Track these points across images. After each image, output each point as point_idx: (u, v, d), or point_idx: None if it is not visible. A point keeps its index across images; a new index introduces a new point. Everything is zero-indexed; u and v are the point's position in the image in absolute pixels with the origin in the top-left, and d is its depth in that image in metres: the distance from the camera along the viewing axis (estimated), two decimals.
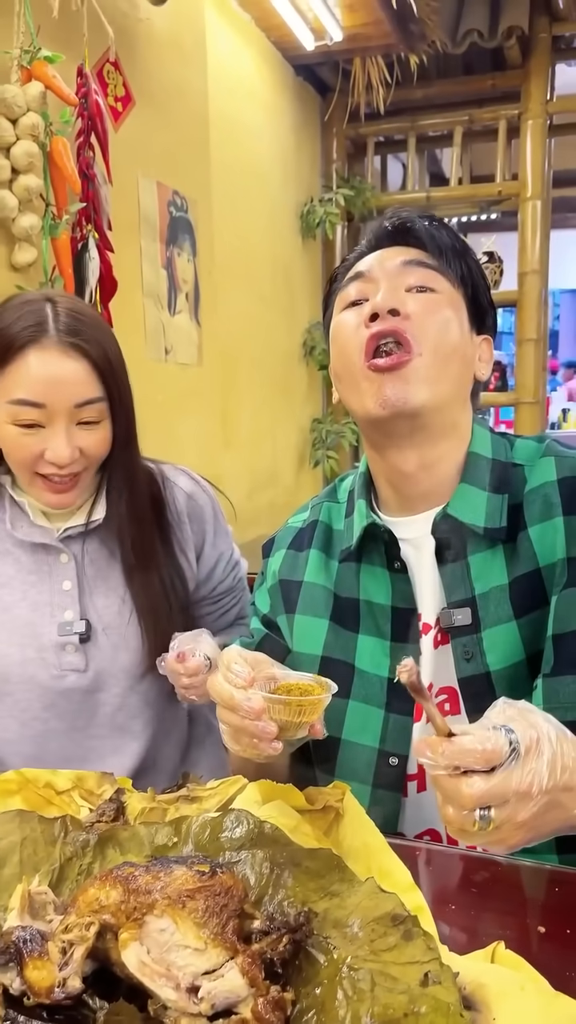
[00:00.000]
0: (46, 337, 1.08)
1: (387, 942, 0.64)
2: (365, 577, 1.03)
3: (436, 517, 0.97)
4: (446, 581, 0.96)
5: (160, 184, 2.56)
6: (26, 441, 1.10)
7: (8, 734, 1.20)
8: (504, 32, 4.15)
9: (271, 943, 0.63)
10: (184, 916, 0.63)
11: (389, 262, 0.97)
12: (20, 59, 1.79)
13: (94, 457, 1.15)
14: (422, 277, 0.95)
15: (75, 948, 0.64)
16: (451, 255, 0.98)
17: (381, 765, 0.98)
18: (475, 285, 1.00)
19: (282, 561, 1.12)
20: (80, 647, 1.18)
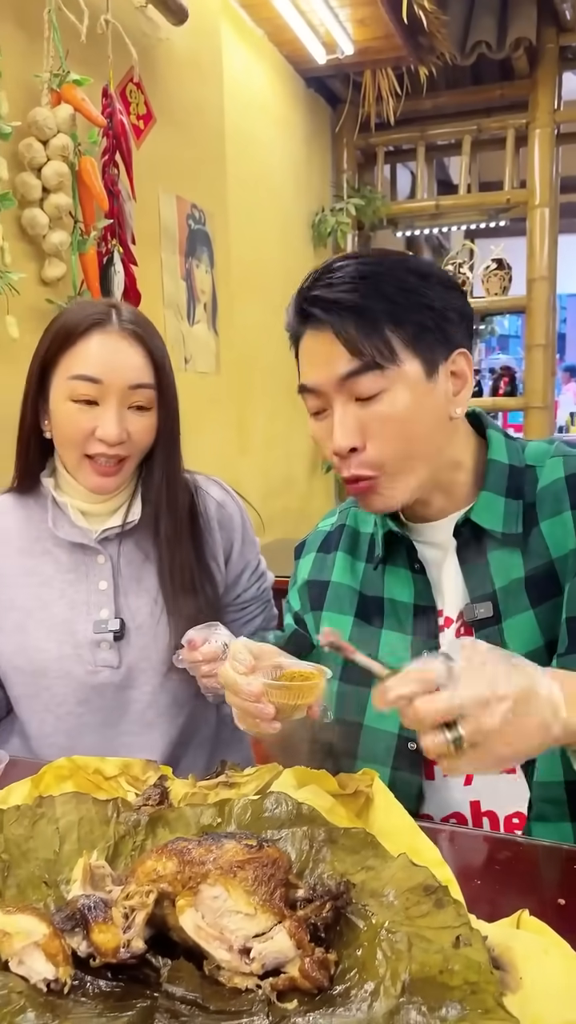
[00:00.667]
0: (110, 324, 1.19)
1: (420, 909, 0.70)
2: (389, 577, 1.10)
3: (458, 522, 1.03)
4: (468, 578, 1.04)
5: (179, 198, 2.63)
6: (80, 418, 1.17)
7: (45, 727, 1.26)
8: (512, 43, 4.22)
9: (315, 909, 0.69)
10: (235, 884, 0.69)
11: (328, 377, 0.96)
12: (50, 83, 1.86)
13: (139, 444, 1.22)
14: (365, 386, 0.95)
15: (136, 913, 0.70)
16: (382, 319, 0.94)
17: (400, 749, 1.05)
18: (424, 313, 0.96)
19: (312, 564, 1.21)
20: (114, 644, 1.24)
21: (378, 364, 0.94)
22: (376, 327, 0.94)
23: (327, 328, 0.95)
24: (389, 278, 0.96)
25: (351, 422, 0.97)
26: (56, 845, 0.81)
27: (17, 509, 1.30)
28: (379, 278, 0.95)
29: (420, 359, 0.96)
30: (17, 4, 1.87)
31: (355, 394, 0.96)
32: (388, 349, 0.94)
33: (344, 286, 0.95)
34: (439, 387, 0.98)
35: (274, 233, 4.03)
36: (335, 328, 0.94)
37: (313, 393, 1.01)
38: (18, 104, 1.81)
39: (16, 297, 1.73)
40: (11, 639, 1.26)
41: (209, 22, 2.83)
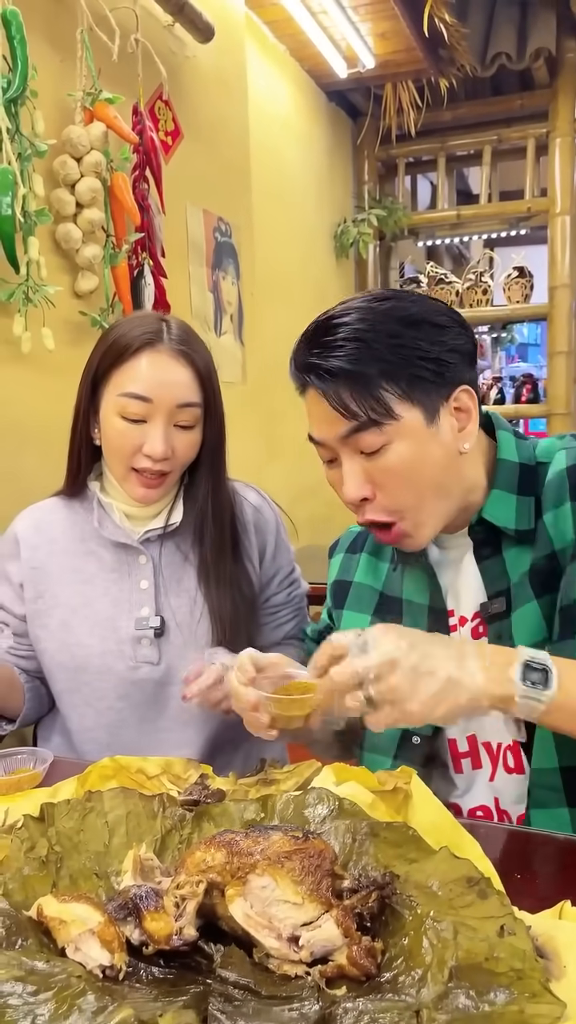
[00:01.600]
0: (160, 343, 1.23)
1: (464, 900, 0.72)
2: (407, 579, 1.15)
3: (472, 521, 1.06)
4: (486, 576, 1.07)
5: (206, 211, 2.68)
6: (129, 434, 1.22)
7: (86, 721, 1.30)
8: (532, 54, 4.24)
9: (361, 899, 0.71)
10: (283, 875, 0.71)
11: (330, 435, 0.99)
12: (83, 101, 1.91)
13: (182, 459, 1.27)
14: (366, 443, 0.97)
15: (187, 902, 0.72)
16: (375, 380, 0.95)
17: (404, 742, 1.10)
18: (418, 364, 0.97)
19: (340, 563, 1.27)
20: (154, 641, 1.27)
21: (375, 422, 0.96)
22: (369, 389, 0.95)
23: (322, 393, 0.98)
24: (381, 335, 0.96)
25: (359, 474, 0.99)
26: (106, 838, 0.83)
27: (64, 511, 1.35)
28: (369, 339, 0.96)
29: (419, 408, 0.97)
30: (50, 25, 1.93)
31: (359, 448, 0.98)
32: (383, 407, 0.95)
33: (337, 351, 0.96)
34: (443, 429, 0.99)
35: (298, 244, 4.07)
36: (328, 395, 0.97)
37: (319, 444, 1.04)
38: (52, 122, 1.85)
39: (51, 310, 1.77)
40: (56, 636, 1.29)
41: (234, 39, 2.88)
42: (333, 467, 1.04)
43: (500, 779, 1.06)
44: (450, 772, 1.09)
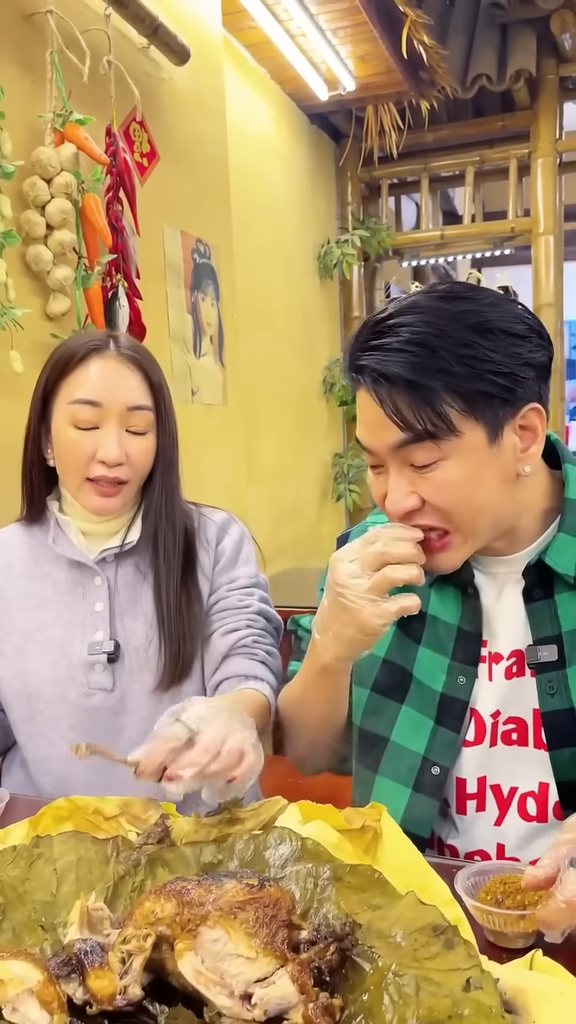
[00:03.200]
0: (107, 350, 1.22)
1: (429, 951, 0.67)
2: (436, 594, 1.05)
3: (530, 562, 0.97)
4: (533, 618, 0.98)
5: (184, 233, 2.66)
6: (82, 442, 1.19)
7: (40, 752, 1.25)
8: (512, 75, 4.28)
9: (319, 952, 0.66)
10: (236, 927, 0.67)
11: (380, 442, 0.91)
12: (53, 122, 1.89)
13: (139, 466, 1.23)
14: (419, 456, 0.89)
15: (134, 958, 0.67)
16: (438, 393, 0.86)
17: (424, 771, 1.02)
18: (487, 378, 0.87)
19: None
20: (108, 667, 1.23)
21: (431, 435, 0.87)
22: (430, 400, 0.86)
23: (374, 397, 0.89)
24: (447, 343, 0.86)
25: (406, 487, 0.91)
26: (53, 887, 0.79)
27: (23, 536, 1.32)
28: (435, 345, 0.86)
29: (482, 425, 0.88)
30: (20, 46, 1.91)
31: (409, 461, 0.90)
32: (443, 422, 0.86)
33: (395, 355, 0.87)
34: (505, 448, 0.90)
35: (280, 265, 4.07)
36: (383, 401, 0.87)
37: (366, 449, 0.95)
38: (22, 143, 1.84)
39: (21, 332, 1.74)
40: (11, 663, 1.26)
41: (211, 62, 2.88)
42: (378, 474, 0.96)
43: (510, 825, 1.00)
44: (451, 812, 1.03)
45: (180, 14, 2.60)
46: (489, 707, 1.01)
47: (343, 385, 4.64)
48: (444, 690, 1.02)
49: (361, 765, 1.10)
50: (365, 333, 0.92)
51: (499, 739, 1.01)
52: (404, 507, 0.91)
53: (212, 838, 0.87)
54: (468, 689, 1.01)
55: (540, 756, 0.98)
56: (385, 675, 1.07)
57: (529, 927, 0.74)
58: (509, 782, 1.00)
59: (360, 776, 1.10)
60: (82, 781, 1.21)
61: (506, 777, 1.00)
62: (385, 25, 3.49)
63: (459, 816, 1.02)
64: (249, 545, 1.38)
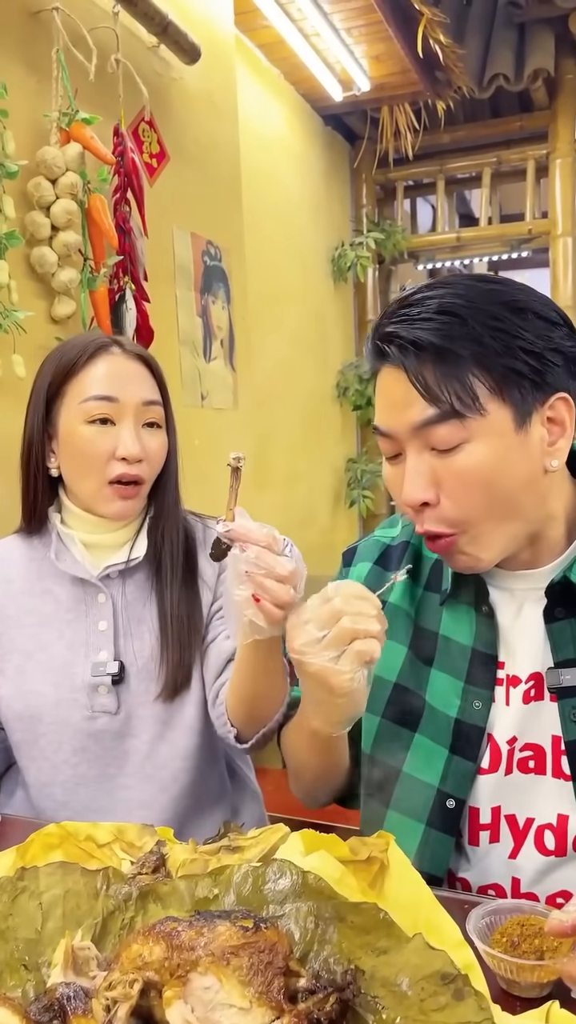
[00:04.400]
0: (114, 347, 1.21)
1: (437, 1002, 0.63)
2: (448, 613, 1.01)
3: (554, 579, 0.93)
4: (555, 639, 0.93)
5: (194, 235, 2.62)
6: (99, 439, 1.16)
7: (42, 776, 1.21)
8: (530, 75, 4.22)
9: (318, 1003, 0.62)
10: (229, 974, 0.62)
11: (403, 423, 0.87)
12: (59, 122, 1.86)
13: (155, 462, 1.22)
14: (442, 437, 0.85)
15: (119, 1006, 0.63)
16: (466, 363, 0.84)
17: (438, 805, 0.96)
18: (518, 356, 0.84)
19: (367, 575, 1.09)
20: (112, 689, 1.19)
21: (458, 413, 0.83)
22: (458, 372, 0.83)
23: (402, 369, 0.85)
24: (477, 315, 0.84)
25: (425, 474, 0.87)
26: (38, 923, 0.74)
27: (23, 549, 1.27)
28: (465, 314, 0.84)
29: (510, 407, 0.84)
30: (25, 43, 1.88)
31: (431, 444, 0.86)
32: (471, 397, 0.83)
33: (424, 323, 0.84)
34: (532, 438, 0.86)
35: (293, 268, 4.03)
36: (410, 371, 0.84)
37: (386, 437, 0.90)
38: (26, 143, 1.80)
39: (24, 336, 1.71)
40: (11, 682, 1.22)
41: (223, 61, 2.84)
42: (395, 464, 0.91)
43: (526, 858, 0.94)
44: (464, 843, 0.97)
45: (191, 13, 2.56)
46: (505, 733, 0.95)
47: (357, 389, 4.59)
48: (459, 716, 0.96)
49: (371, 798, 1.03)
50: (393, 307, 0.89)
51: (515, 767, 0.95)
52: (420, 498, 0.87)
53: (209, 869, 0.82)
54: (484, 715, 0.95)
55: (559, 786, 0.92)
56: (397, 701, 1.02)
57: (546, 977, 0.69)
58: (525, 813, 0.94)
59: (369, 810, 1.03)
60: (84, 805, 1.17)
61: (522, 807, 0.94)
62: (400, 24, 3.44)
63: (471, 848, 0.97)
64: None
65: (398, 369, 0.86)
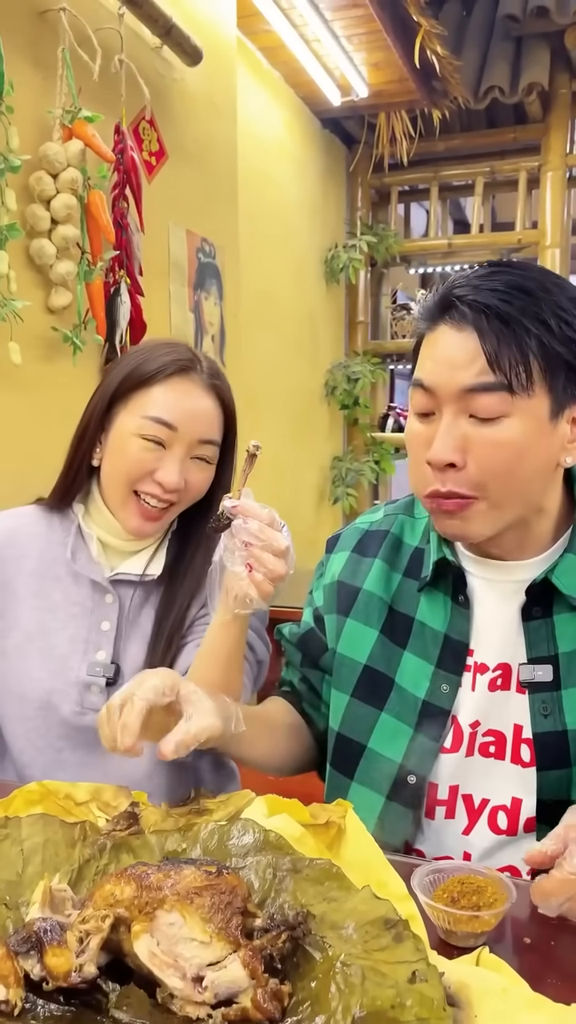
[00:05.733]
0: (195, 372, 1.19)
1: (379, 943, 0.69)
2: (425, 599, 1.05)
3: (535, 580, 0.97)
4: (530, 637, 0.98)
5: (189, 232, 2.68)
6: (145, 456, 1.16)
7: (24, 756, 1.23)
8: (525, 88, 4.29)
9: (271, 939, 0.68)
10: (192, 911, 0.68)
11: (452, 383, 0.89)
12: (62, 119, 1.92)
13: (192, 494, 1.21)
14: (487, 405, 0.88)
15: (91, 938, 0.69)
16: (531, 341, 0.87)
17: (399, 780, 1.01)
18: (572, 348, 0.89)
19: (344, 563, 1.14)
20: (104, 690, 1.19)
21: (509, 386, 0.86)
22: (522, 347, 0.86)
23: (470, 330, 0.88)
24: (550, 302, 0.88)
25: (457, 437, 0.89)
26: (19, 867, 0.81)
27: (41, 525, 1.27)
28: (541, 298, 0.88)
29: (551, 396, 0.88)
30: (32, 42, 1.94)
31: (472, 410, 0.89)
32: (527, 374, 0.87)
33: (501, 293, 0.87)
34: (558, 431, 0.91)
35: (286, 268, 4.08)
36: (481, 333, 0.87)
37: (426, 392, 0.92)
38: (30, 138, 1.86)
39: (21, 324, 1.76)
40: (11, 659, 1.22)
41: (225, 63, 2.90)
42: (424, 422, 0.93)
43: (478, 835, 1.00)
44: (420, 816, 1.02)
45: (194, 15, 2.62)
46: (469, 716, 1.00)
47: (345, 389, 4.66)
48: (426, 697, 1.02)
49: (336, 771, 1.08)
50: (463, 276, 0.92)
51: (476, 750, 1.00)
52: (448, 458, 0.89)
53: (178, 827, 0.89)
54: (451, 698, 1.01)
55: (517, 772, 0.98)
56: (366, 681, 1.07)
57: (480, 928, 0.76)
58: (482, 794, 1.00)
59: (334, 782, 1.09)
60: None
61: (479, 788, 1.00)
62: (399, 34, 3.51)
63: (427, 820, 1.02)
64: None
65: (463, 330, 0.88)
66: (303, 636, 1.18)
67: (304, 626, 1.19)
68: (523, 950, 0.76)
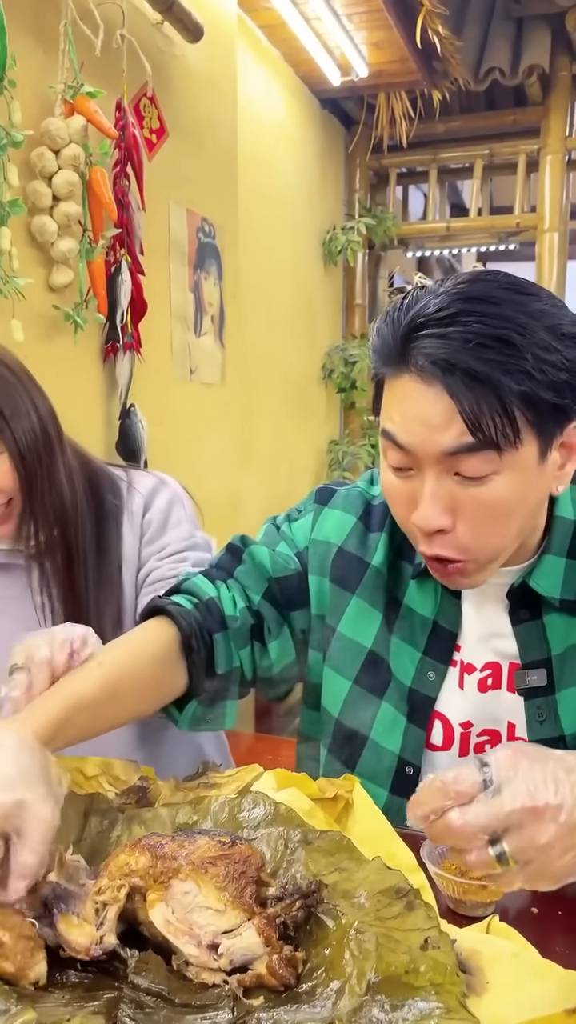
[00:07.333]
0: None
1: (391, 911, 0.70)
2: (416, 585, 1.01)
3: (513, 584, 0.94)
4: (521, 642, 0.95)
5: (190, 211, 2.67)
6: None
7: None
8: (525, 70, 4.27)
9: (285, 908, 0.69)
10: (206, 880, 0.69)
11: (430, 445, 0.80)
12: (64, 94, 1.90)
13: (4, 487, 1.12)
14: (474, 466, 0.80)
15: (108, 908, 0.70)
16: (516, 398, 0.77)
17: (399, 772, 0.99)
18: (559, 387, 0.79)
19: (350, 529, 1.06)
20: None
21: (497, 445, 0.78)
22: (505, 405, 0.77)
23: (439, 387, 0.78)
24: (532, 345, 0.77)
25: (444, 500, 0.82)
26: None
27: None
28: (520, 344, 0.77)
29: (539, 439, 0.81)
30: (34, 16, 1.91)
31: (456, 469, 0.81)
32: (513, 431, 0.78)
33: (472, 348, 0.76)
34: (547, 466, 0.84)
35: (284, 249, 4.07)
36: (455, 397, 0.77)
37: (400, 449, 0.83)
38: (31, 114, 1.84)
39: (22, 302, 1.75)
40: None
41: (225, 41, 2.87)
42: (402, 476, 0.85)
43: None
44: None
45: None
46: (459, 716, 0.98)
47: (342, 372, 4.65)
48: (412, 685, 1.00)
49: (336, 760, 1.05)
50: (423, 312, 0.79)
51: (471, 750, 0.98)
52: (438, 524, 0.83)
53: (188, 800, 0.90)
54: (437, 686, 0.98)
55: None
56: (368, 667, 1.03)
57: (489, 898, 0.77)
58: None
59: (333, 771, 1.05)
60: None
61: None
62: (400, 13, 3.48)
63: None
64: (180, 508, 1.28)
65: (433, 386, 0.78)
66: (284, 576, 1.05)
67: (284, 563, 1.06)
68: (531, 920, 0.78)
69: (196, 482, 1.38)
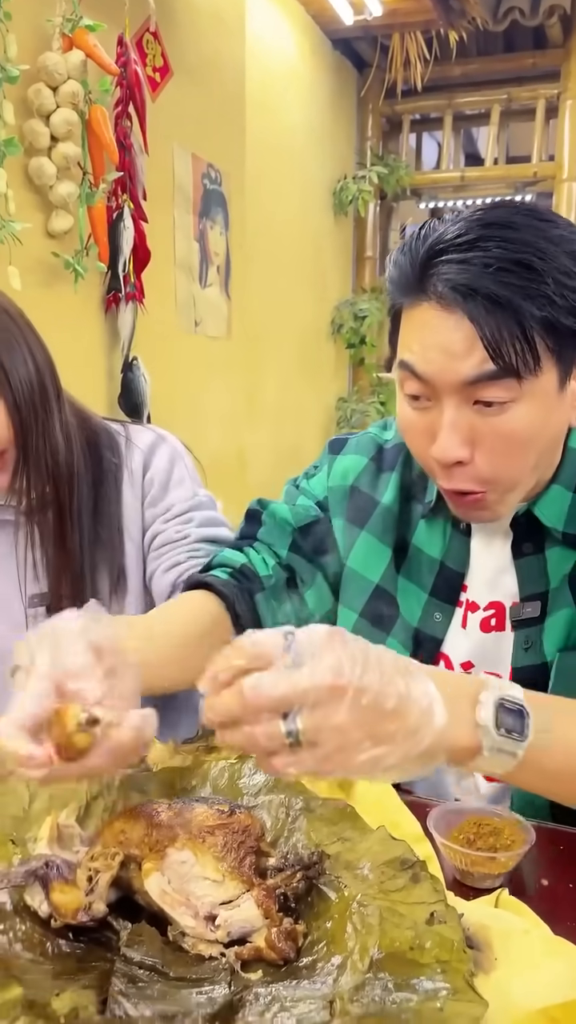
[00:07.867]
0: None
1: (396, 884, 0.68)
2: (425, 525, 1.01)
3: (518, 513, 0.92)
4: (522, 575, 0.94)
5: (195, 156, 2.58)
6: None
7: None
8: (546, 10, 4.11)
9: (285, 879, 0.67)
10: (204, 850, 0.67)
11: (450, 374, 0.79)
12: (62, 27, 1.81)
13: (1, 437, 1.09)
14: (494, 394, 0.79)
15: (100, 875, 0.67)
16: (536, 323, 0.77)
17: None
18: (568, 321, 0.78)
19: (361, 470, 1.07)
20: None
21: (517, 372, 0.77)
22: (525, 330, 0.76)
23: (460, 314, 0.77)
24: (552, 269, 0.76)
25: (463, 430, 0.81)
26: (25, 802, 0.79)
27: None
28: (541, 268, 0.75)
29: (558, 367, 0.80)
30: None
31: (475, 397, 0.80)
32: (534, 357, 0.77)
33: (493, 271, 0.75)
34: (567, 396, 0.83)
35: (293, 198, 3.96)
36: (476, 323, 0.76)
37: (419, 379, 0.82)
38: (28, 48, 1.76)
39: (20, 248, 1.69)
40: None
41: None
42: (418, 407, 0.84)
43: (475, 778, 0.98)
44: None
45: None
46: (460, 656, 0.98)
47: (352, 327, 4.56)
48: (418, 626, 0.99)
49: None
50: (442, 239, 0.79)
51: None
52: (457, 456, 0.82)
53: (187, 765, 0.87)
54: (443, 628, 0.98)
55: None
56: (375, 602, 1.03)
57: (497, 869, 0.74)
58: None
59: None
60: None
61: None
62: None
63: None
64: (181, 465, 1.25)
65: (453, 313, 0.77)
66: (307, 524, 1.07)
67: (306, 512, 1.08)
68: (540, 892, 0.75)
69: (200, 438, 1.35)
